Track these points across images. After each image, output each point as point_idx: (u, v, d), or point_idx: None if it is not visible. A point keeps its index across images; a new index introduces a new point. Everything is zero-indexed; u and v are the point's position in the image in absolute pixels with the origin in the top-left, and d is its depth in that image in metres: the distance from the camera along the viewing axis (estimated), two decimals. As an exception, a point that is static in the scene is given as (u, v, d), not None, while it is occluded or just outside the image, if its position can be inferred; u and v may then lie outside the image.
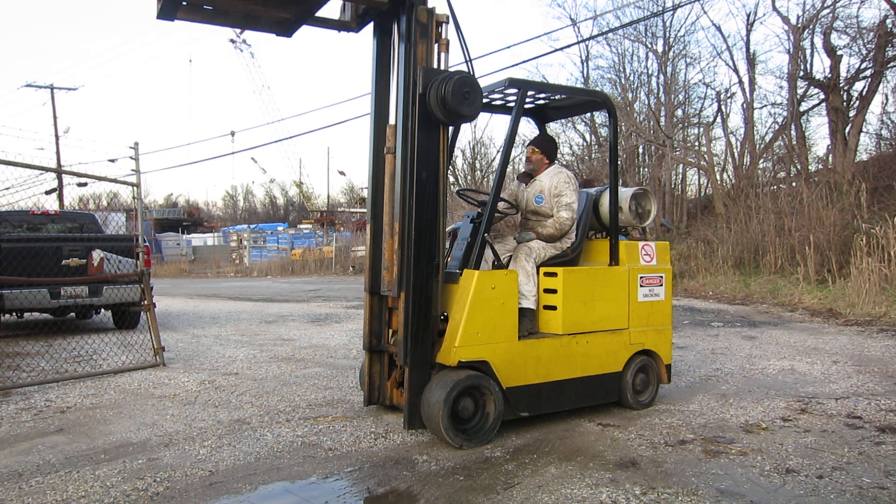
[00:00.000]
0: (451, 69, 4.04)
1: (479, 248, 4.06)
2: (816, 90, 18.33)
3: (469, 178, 30.66)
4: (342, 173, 62.23)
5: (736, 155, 19.99)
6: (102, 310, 9.66)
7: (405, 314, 3.86)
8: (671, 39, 21.94)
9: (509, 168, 9.31)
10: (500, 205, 4.50)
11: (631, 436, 4.03)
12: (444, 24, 4.04)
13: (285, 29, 4.04)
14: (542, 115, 5.29)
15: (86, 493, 3.21)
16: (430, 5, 3.96)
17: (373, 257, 4.29)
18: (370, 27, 4.27)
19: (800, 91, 18.49)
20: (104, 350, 7.22)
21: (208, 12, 3.72)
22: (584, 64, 24.56)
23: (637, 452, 3.72)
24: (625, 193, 4.82)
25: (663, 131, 20.11)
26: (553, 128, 22.84)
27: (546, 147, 4.73)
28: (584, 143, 25.36)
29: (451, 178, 28.83)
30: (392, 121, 4.09)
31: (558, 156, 5.04)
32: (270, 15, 3.92)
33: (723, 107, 20.95)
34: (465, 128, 30.70)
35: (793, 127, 18.41)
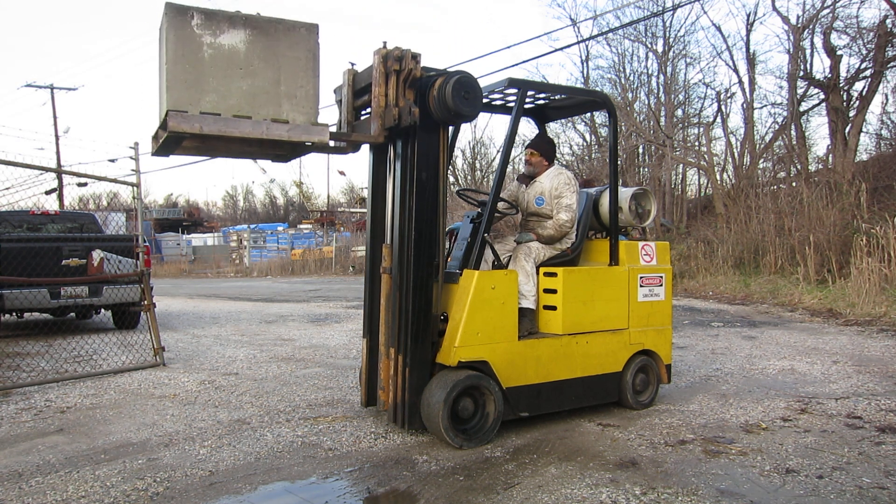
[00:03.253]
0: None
1: (479, 248, 4.06)
2: (816, 90, 18.33)
3: (469, 178, 30.66)
4: (342, 173, 62.31)
5: (736, 155, 20.00)
6: (102, 310, 9.66)
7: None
8: (671, 39, 21.95)
9: (509, 168, 9.32)
10: (500, 205, 4.50)
11: (631, 436, 4.03)
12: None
13: (282, 158, 4.22)
14: (541, 115, 5.29)
15: (86, 493, 3.21)
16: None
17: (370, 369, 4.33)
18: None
19: (800, 91, 18.50)
20: (104, 350, 7.22)
21: (204, 149, 3.87)
22: (584, 64, 24.58)
23: (637, 452, 3.72)
24: (625, 193, 4.82)
25: (663, 131, 20.11)
26: (553, 128, 22.87)
27: (545, 149, 4.73)
28: (584, 143, 25.38)
29: (451, 178, 28.83)
30: (387, 240, 4.12)
31: (558, 155, 5.04)
32: (265, 153, 4.11)
33: (723, 107, 20.97)
34: (465, 128, 30.74)
35: (793, 127, 18.41)
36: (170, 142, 3.44)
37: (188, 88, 3.25)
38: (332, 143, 3.91)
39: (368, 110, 4.01)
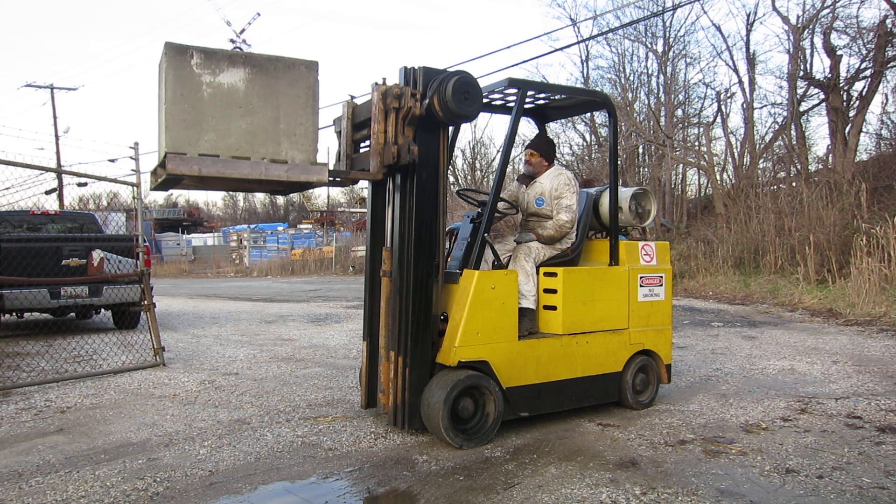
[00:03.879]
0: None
1: (478, 248, 4.06)
2: (816, 90, 18.33)
3: (469, 178, 30.67)
4: (342, 173, 62.04)
5: (736, 155, 20.00)
6: (102, 310, 9.66)
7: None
8: (671, 39, 21.97)
9: (509, 168, 9.31)
10: (500, 205, 4.50)
11: (631, 436, 4.03)
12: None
13: (280, 193, 4.27)
14: (542, 115, 5.29)
15: (86, 493, 3.21)
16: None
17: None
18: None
19: (800, 91, 18.50)
20: (104, 350, 7.22)
21: (203, 185, 3.91)
22: (584, 64, 24.59)
23: (637, 452, 3.72)
24: (625, 193, 4.82)
25: (663, 131, 20.11)
26: (553, 128, 22.87)
27: (545, 149, 4.73)
28: (584, 143, 25.39)
29: (451, 178, 28.83)
30: (387, 243, 4.12)
31: (558, 155, 5.04)
32: (264, 188, 4.16)
33: (723, 107, 20.97)
34: (465, 128, 30.74)
35: (793, 127, 18.41)
36: (169, 181, 3.44)
37: (187, 128, 3.24)
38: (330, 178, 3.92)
39: (367, 143, 3.98)
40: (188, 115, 3.24)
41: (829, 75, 17.16)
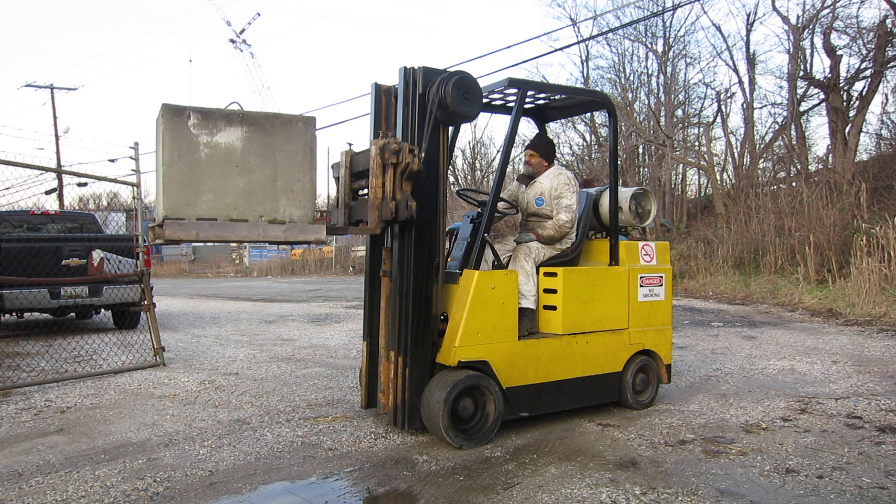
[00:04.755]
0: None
1: (478, 248, 4.06)
2: (816, 90, 18.34)
3: (469, 178, 30.66)
4: (342, 173, 62.09)
5: (736, 155, 20.01)
6: (102, 310, 9.66)
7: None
8: (671, 39, 21.97)
9: (509, 168, 9.31)
10: (500, 205, 4.50)
11: (631, 436, 4.03)
12: None
13: (278, 244, 4.33)
14: (542, 115, 5.29)
15: (86, 493, 3.21)
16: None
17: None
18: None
19: (800, 91, 18.50)
20: (104, 350, 7.22)
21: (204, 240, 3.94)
22: (584, 64, 24.59)
23: (637, 452, 3.72)
24: (625, 193, 4.82)
25: (663, 131, 20.11)
26: (553, 128, 22.87)
27: (544, 149, 4.73)
28: (584, 143, 25.39)
29: (451, 178, 28.82)
30: (387, 244, 4.13)
31: (558, 155, 5.04)
32: (263, 241, 4.16)
33: (723, 107, 20.98)
34: (465, 128, 30.73)
35: (793, 127, 18.41)
36: (170, 241, 3.46)
37: (184, 189, 3.23)
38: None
39: (366, 191, 3.97)
40: (185, 177, 3.23)
41: (829, 75, 17.16)
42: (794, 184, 16.23)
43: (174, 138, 3.21)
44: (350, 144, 4.27)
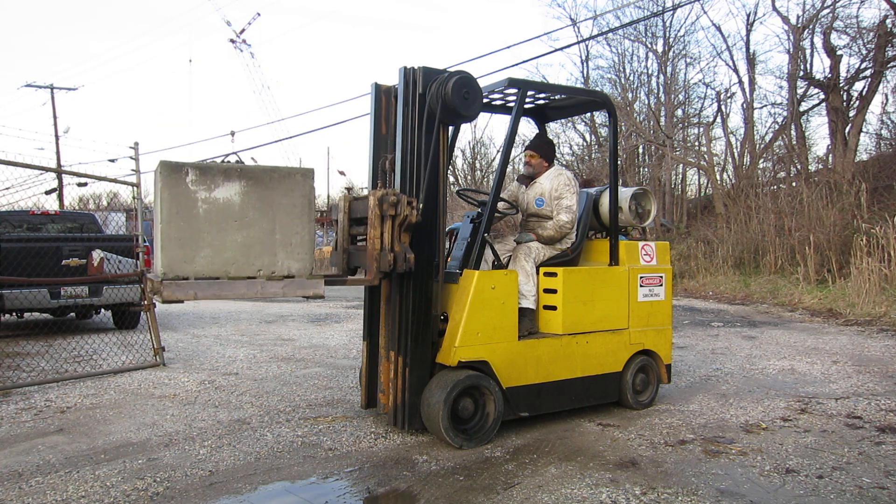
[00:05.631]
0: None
1: (478, 248, 4.06)
2: (816, 90, 18.33)
3: (469, 178, 30.65)
4: (342, 173, 62.13)
5: (736, 155, 20.00)
6: (102, 310, 9.66)
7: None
8: (671, 39, 21.97)
9: (509, 168, 9.31)
10: (500, 205, 4.50)
11: (631, 436, 4.03)
12: None
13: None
14: (542, 115, 5.29)
15: (86, 493, 3.21)
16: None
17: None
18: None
19: (800, 91, 18.50)
20: (104, 350, 7.22)
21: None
22: (584, 64, 24.59)
23: (637, 452, 3.72)
24: (625, 193, 4.82)
25: (663, 131, 20.11)
26: (553, 128, 22.87)
27: (544, 150, 4.73)
28: (584, 143, 25.38)
29: (451, 178, 28.83)
30: None
31: (558, 155, 5.04)
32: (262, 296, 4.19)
33: (723, 107, 20.97)
34: (465, 128, 30.72)
35: (793, 127, 18.41)
36: (169, 301, 3.47)
37: (182, 247, 3.23)
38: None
39: (364, 239, 3.96)
40: (183, 233, 3.23)
41: (829, 75, 17.16)
42: (794, 184, 16.23)
43: (172, 195, 3.20)
44: (348, 189, 4.29)
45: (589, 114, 21.63)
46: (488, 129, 41.59)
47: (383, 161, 4.12)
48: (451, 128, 4.19)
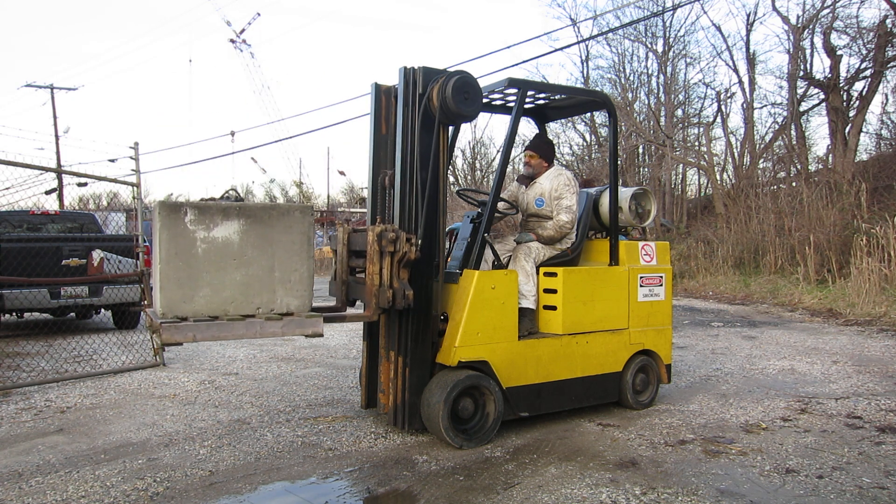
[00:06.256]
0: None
1: (478, 248, 4.06)
2: (816, 90, 18.32)
3: (469, 178, 30.64)
4: (342, 173, 62.19)
5: (736, 155, 19.99)
6: (102, 310, 9.66)
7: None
8: (671, 39, 21.95)
9: (509, 168, 9.31)
10: (500, 205, 4.50)
11: (631, 436, 4.03)
12: None
13: None
14: (541, 115, 5.29)
15: (86, 493, 3.21)
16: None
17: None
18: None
19: (800, 91, 18.49)
20: (104, 350, 7.22)
21: None
22: (584, 64, 24.58)
23: (637, 452, 3.72)
24: (625, 193, 4.82)
25: (663, 131, 20.11)
26: (553, 128, 22.86)
27: (544, 150, 4.73)
28: (584, 143, 25.36)
29: (451, 178, 28.83)
30: None
31: (558, 155, 5.04)
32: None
33: (723, 107, 20.96)
34: (465, 128, 30.74)
35: (793, 127, 18.40)
36: (168, 344, 3.47)
37: (181, 287, 3.23)
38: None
39: (363, 272, 3.96)
40: (182, 273, 3.23)
41: (829, 75, 17.15)
42: (794, 184, 16.22)
43: (171, 235, 3.21)
44: (347, 221, 4.26)
45: (589, 114, 21.63)
46: (488, 129, 41.61)
47: (382, 177, 4.11)
48: (451, 128, 4.19)
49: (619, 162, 9.79)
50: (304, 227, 3.51)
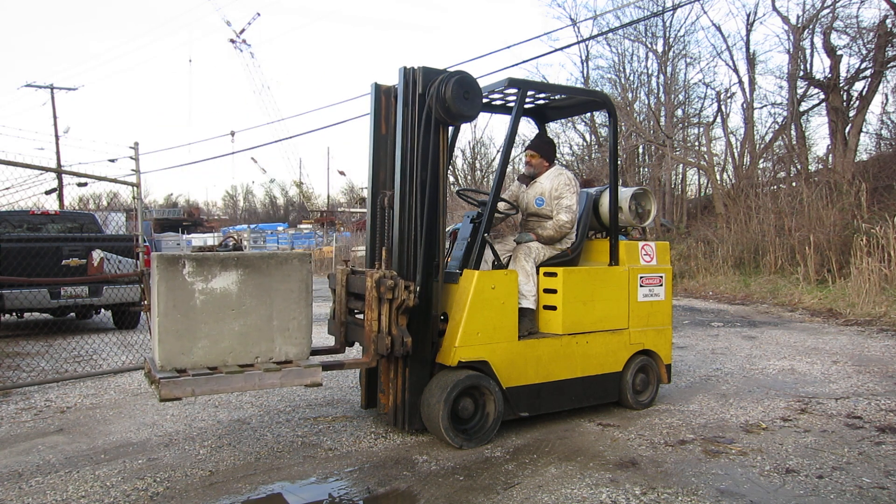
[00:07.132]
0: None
1: (478, 248, 4.06)
2: (816, 90, 18.32)
3: (469, 178, 30.64)
4: (342, 173, 62.32)
5: (736, 155, 19.99)
6: (102, 310, 9.66)
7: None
8: (671, 39, 21.95)
9: (509, 168, 9.31)
10: (501, 205, 4.50)
11: (631, 436, 4.03)
12: None
13: None
14: (542, 115, 5.29)
15: (86, 493, 3.21)
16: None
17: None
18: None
19: (800, 91, 18.48)
20: (104, 350, 7.22)
21: None
22: (584, 64, 24.58)
23: (637, 452, 3.72)
24: (625, 193, 4.82)
25: (663, 131, 20.10)
26: (553, 128, 22.86)
27: (545, 150, 4.73)
28: (584, 143, 25.37)
29: (451, 178, 28.82)
30: (387, 243, 4.09)
31: (558, 155, 5.04)
32: None
33: (723, 107, 20.95)
34: (465, 128, 30.72)
35: (793, 127, 18.40)
36: (167, 399, 3.48)
37: (179, 339, 3.24)
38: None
39: (362, 313, 3.96)
40: (181, 325, 3.23)
41: (829, 75, 17.15)
42: (794, 184, 16.21)
43: (169, 288, 3.21)
44: (346, 261, 4.28)
45: (589, 114, 21.63)
46: (488, 129, 41.63)
47: (382, 197, 4.11)
48: (451, 128, 4.19)
49: (619, 162, 9.79)
50: (303, 274, 3.52)
